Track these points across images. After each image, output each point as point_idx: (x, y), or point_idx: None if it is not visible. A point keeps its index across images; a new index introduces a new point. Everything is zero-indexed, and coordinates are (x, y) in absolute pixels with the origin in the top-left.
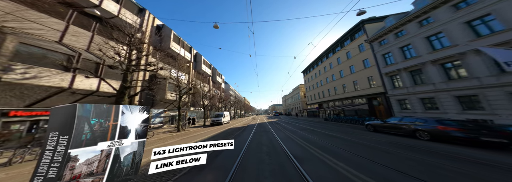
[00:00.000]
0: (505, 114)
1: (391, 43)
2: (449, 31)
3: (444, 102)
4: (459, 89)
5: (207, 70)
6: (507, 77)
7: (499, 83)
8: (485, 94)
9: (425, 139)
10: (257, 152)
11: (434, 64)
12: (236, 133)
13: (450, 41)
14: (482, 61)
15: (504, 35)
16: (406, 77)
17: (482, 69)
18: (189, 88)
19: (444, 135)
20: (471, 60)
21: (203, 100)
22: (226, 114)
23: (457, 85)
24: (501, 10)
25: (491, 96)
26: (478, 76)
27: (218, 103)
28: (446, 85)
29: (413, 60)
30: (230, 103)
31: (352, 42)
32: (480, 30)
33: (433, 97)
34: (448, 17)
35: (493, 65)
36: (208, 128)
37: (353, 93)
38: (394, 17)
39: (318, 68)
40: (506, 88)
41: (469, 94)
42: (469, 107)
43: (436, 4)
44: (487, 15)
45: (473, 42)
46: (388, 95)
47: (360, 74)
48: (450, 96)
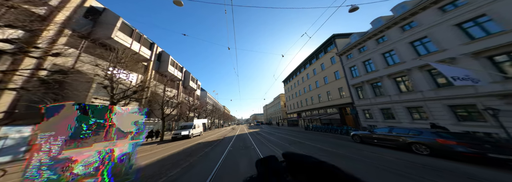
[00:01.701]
0: (446, 124)
1: (356, 58)
2: (398, 50)
3: (398, 112)
4: (408, 101)
5: (177, 73)
6: (443, 92)
7: (437, 97)
8: (428, 105)
9: (424, 154)
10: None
11: (389, 78)
12: (202, 152)
13: (400, 58)
14: (423, 77)
15: (441, 55)
16: (368, 89)
17: (424, 84)
18: (133, 91)
19: (446, 150)
20: (416, 75)
21: (163, 107)
22: (199, 124)
23: (406, 98)
24: (435, 33)
25: (432, 107)
26: (421, 90)
27: (189, 111)
28: (398, 98)
29: (373, 74)
30: (206, 111)
31: (325, 55)
32: (420, 49)
33: (390, 107)
34: (398, 37)
35: (431, 81)
36: (167, 144)
37: (327, 103)
38: (358, 34)
39: (297, 78)
40: (443, 101)
41: (416, 105)
42: (416, 117)
43: (389, 25)
44: (424, 38)
45: (422, 59)
46: (355, 105)
47: (332, 85)
48: (402, 106)
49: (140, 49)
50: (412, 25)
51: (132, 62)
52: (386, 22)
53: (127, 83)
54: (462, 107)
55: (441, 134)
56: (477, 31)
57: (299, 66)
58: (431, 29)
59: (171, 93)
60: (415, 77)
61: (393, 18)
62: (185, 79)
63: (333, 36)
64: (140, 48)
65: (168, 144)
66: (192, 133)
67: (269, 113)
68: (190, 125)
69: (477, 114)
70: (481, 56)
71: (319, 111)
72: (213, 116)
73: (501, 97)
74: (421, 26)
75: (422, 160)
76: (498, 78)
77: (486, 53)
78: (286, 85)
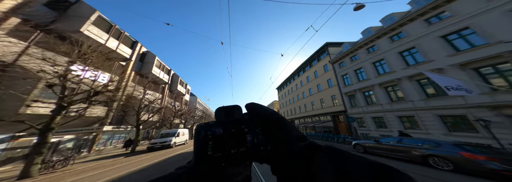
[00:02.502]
0: (437, 133)
1: (348, 66)
2: (388, 59)
3: (390, 121)
4: (399, 110)
5: (163, 76)
6: (433, 102)
7: (427, 107)
8: (419, 115)
9: (446, 169)
10: None
11: (381, 87)
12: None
13: (390, 67)
14: (413, 86)
15: (428, 65)
16: (360, 97)
17: (414, 93)
18: (94, 91)
19: (474, 166)
20: (406, 85)
21: (139, 112)
22: (183, 132)
23: (398, 107)
24: (422, 44)
25: (423, 117)
26: (412, 100)
27: (173, 117)
28: (390, 107)
29: (365, 83)
30: (194, 118)
31: (318, 63)
32: (408, 59)
33: (382, 116)
34: (387, 47)
35: (421, 91)
36: (138, 156)
37: (320, 110)
38: (349, 43)
39: (291, 86)
40: (433, 111)
41: (407, 114)
42: (408, 126)
43: (379, 34)
44: (412, 48)
45: (416, 67)
46: (347, 113)
47: (325, 93)
48: (394, 115)
49: (119, 47)
50: (400, 35)
51: (101, 59)
52: (375, 32)
53: (90, 83)
54: (452, 118)
55: (466, 147)
56: (462, 44)
57: (293, 73)
58: (418, 40)
59: (152, 96)
60: (405, 86)
61: (382, 29)
62: (172, 83)
63: (326, 45)
64: (119, 46)
65: (139, 156)
66: (174, 142)
67: None
68: (172, 132)
69: (469, 124)
70: (468, 67)
71: (313, 119)
72: None
73: (491, 108)
74: (409, 37)
75: (445, 177)
76: (486, 90)
77: (472, 65)
78: (280, 92)
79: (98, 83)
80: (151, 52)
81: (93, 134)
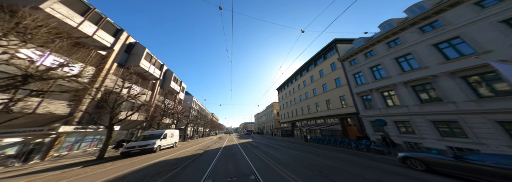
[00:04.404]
0: (494, 144)
1: (361, 63)
2: (418, 53)
3: (420, 126)
4: (434, 113)
5: (153, 71)
6: (490, 104)
7: (480, 110)
8: (466, 120)
9: None
10: None
11: (406, 86)
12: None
13: (420, 63)
14: (457, 85)
15: (491, 55)
16: (378, 98)
17: (457, 93)
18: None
19: None
20: (444, 83)
21: (113, 109)
22: (173, 133)
23: (431, 110)
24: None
25: (472, 122)
26: (454, 101)
27: (161, 116)
28: (420, 109)
29: (384, 81)
30: (188, 118)
31: (325, 61)
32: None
33: (407, 120)
34: (417, 39)
35: (468, 90)
36: (101, 165)
37: (325, 112)
38: (363, 39)
39: (292, 86)
40: (489, 116)
41: (446, 119)
42: (446, 134)
43: (405, 25)
44: (454, 38)
45: (479, 57)
46: (360, 116)
47: (333, 93)
48: (425, 120)
49: (96, 33)
50: (435, 25)
51: (50, 37)
52: (398, 24)
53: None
54: None
55: None
56: None
57: (295, 73)
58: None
59: (134, 91)
60: (444, 85)
61: (408, 20)
62: (165, 80)
63: (334, 41)
64: (97, 31)
65: (102, 165)
66: (159, 145)
67: (260, 122)
68: (158, 134)
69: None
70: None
71: (317, 121)
72: (197, 123)
73: None
74: (451, 25)
75: None
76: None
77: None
78: (281, 93)
79: (41, 67)
80: (140, 44)
81: (52, 136)
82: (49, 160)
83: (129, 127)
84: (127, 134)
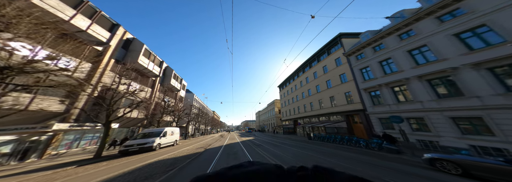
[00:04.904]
0: None
1: (369, 57)
2: (434, 44)
3: (436, 123)
4: (453, 109)
5: (153, 67)
6: None
7: (510, 105)
8: (492, 116)
9: None
10: None
11: (421, 80)
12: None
13: (438, 55)
14: (481, 77)
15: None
16: (388, 93)
17: (482, 86)
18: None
19: None
20: (467, 75)
21: (110, 106)
22: (173, 131)
23: (450, 105)
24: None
25: (499, 119)
26: (478, 95)
27: (162, 114)
28: (437, 104)
29: (395, 75)
30: (189, 115)
31: (329, 56)
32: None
33: (422, 116)
34: (434, 30)
35: (496, 82)
36: (97, 165)
37: (329, 109)
38: (370, 32)
39: (294, 83)
40: None
41: (469, 115)
42: (467, 131)
43: (420, 15)
44: (480, 27)
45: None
46: (367, 113)
47: (337, 89)
48: (443, 116)
49: (91, 27)
50: (456, 14)
51: (33, 27)
52: (411, 15)
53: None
54: None
55: None
56: None
57: (298, 69)
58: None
59: (132, 87)
60: (467, 78)
61: (423, 9)
62: (165, 77)
63: (339, 36)
64: (91, 26)
65: (97, 165)
66: (159, 143)
67: (261, 120)
68: (157, 132)
69: None
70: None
71: (320, 118)
72: (198, 121)
73: None
74: (475, 13)
75: None
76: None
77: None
78: (282, 90)
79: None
80: (138, 40)
81: (48, 134)
82: (46, 159)
83: (129, 124)
84: (127, 132)
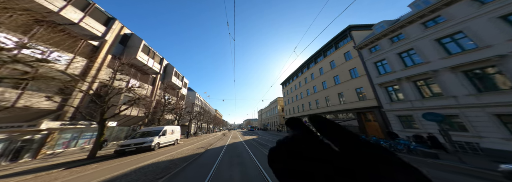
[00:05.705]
0: None
1: (386, 50)
2: (473, 30)
3: (475, 122)
4: (499, 105)
5: (152, 64)
6: None
7: None
8: None
9: None
10: None
11: (454, 72)
12: None
13: (479, 42)
14: None
15: None
16: (410, 88)
17: None
18: None
19: None
20: None
21: (106, 102)
22: (173, 130)
23: (494, 100)
24: None
25: None
26: None
27: (162, 112)
28: (476, 100)
29: (419, 68)
30: (191, 114)
31: (337, 50)
32: None
33: (456, 114)
34: (471, 13)
35: None
36: (85, 167)
37: (338, 107)
38: (386, 22)
39: (298, 80)
40: None
41: None
42: None
43: None
44: None
45: None
46: (383, 110)
47: (346, 85)
48: (485, 113)
49: (83, 20)
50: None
51: (22, 19)
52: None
53: None
54: None
55: None
56: None
57: (302, 65)
58: None
59: (130, 84)
60: None
61: None
62: (165, 74)
63: (349, 28)
64: (84, 18)
65: (85, 168)
66: (158, 143)
67: (264, 118)
68: (156, 130)
69: None
70: None
71: (327, 116)
72: (200, 120)
73: None
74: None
75: None
76: None
77: None
78: (285, 87)
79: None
80: (136, 35)
81: (42, 133)
82: (41, 158)
83: (130, 123)
84: (128, 131)
